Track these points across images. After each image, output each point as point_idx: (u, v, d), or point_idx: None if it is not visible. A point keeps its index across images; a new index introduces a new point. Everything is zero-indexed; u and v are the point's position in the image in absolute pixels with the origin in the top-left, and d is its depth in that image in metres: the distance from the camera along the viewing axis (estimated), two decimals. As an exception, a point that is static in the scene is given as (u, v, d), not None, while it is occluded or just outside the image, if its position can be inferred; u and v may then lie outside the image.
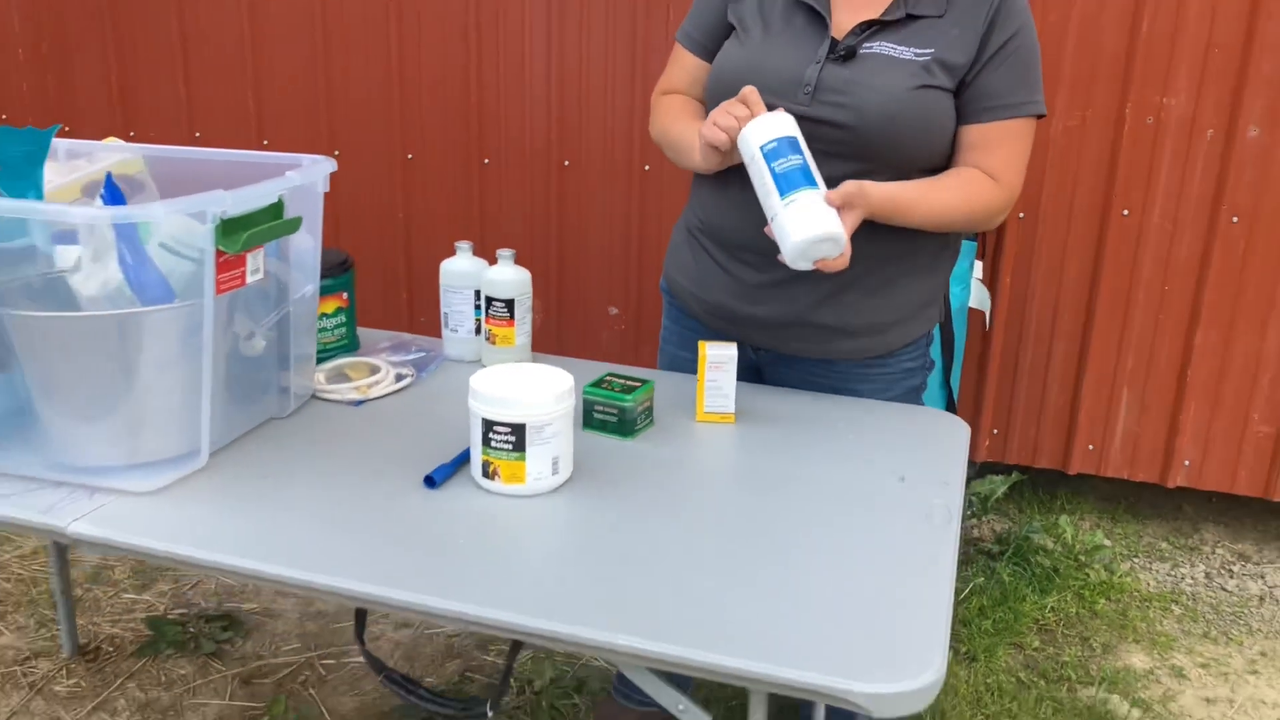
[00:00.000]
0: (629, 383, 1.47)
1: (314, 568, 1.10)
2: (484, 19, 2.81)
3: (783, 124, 1.37)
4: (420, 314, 3.07)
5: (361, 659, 2.17)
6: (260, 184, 1.27)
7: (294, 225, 1.33)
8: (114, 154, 1.64)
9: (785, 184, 1.33)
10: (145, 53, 3.11)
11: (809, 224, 1.31)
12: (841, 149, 1.44)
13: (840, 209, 1.36)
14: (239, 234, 1.22)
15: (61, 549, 2.10)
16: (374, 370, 1.59)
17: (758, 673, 0.97)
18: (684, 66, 1.65)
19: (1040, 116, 1.50)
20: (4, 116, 3.30)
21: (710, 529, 1.21)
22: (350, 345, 1.69)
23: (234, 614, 2.31)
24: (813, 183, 1.34)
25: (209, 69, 3.07)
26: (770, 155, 1.35)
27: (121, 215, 1.18)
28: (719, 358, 1.47)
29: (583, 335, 2.93)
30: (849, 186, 1.37)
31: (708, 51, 1.61)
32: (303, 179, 1.34)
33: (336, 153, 3.01)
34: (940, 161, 1.50)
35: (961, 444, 1.45)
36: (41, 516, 1.19)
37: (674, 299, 1.73)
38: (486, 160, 2.92)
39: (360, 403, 1.52)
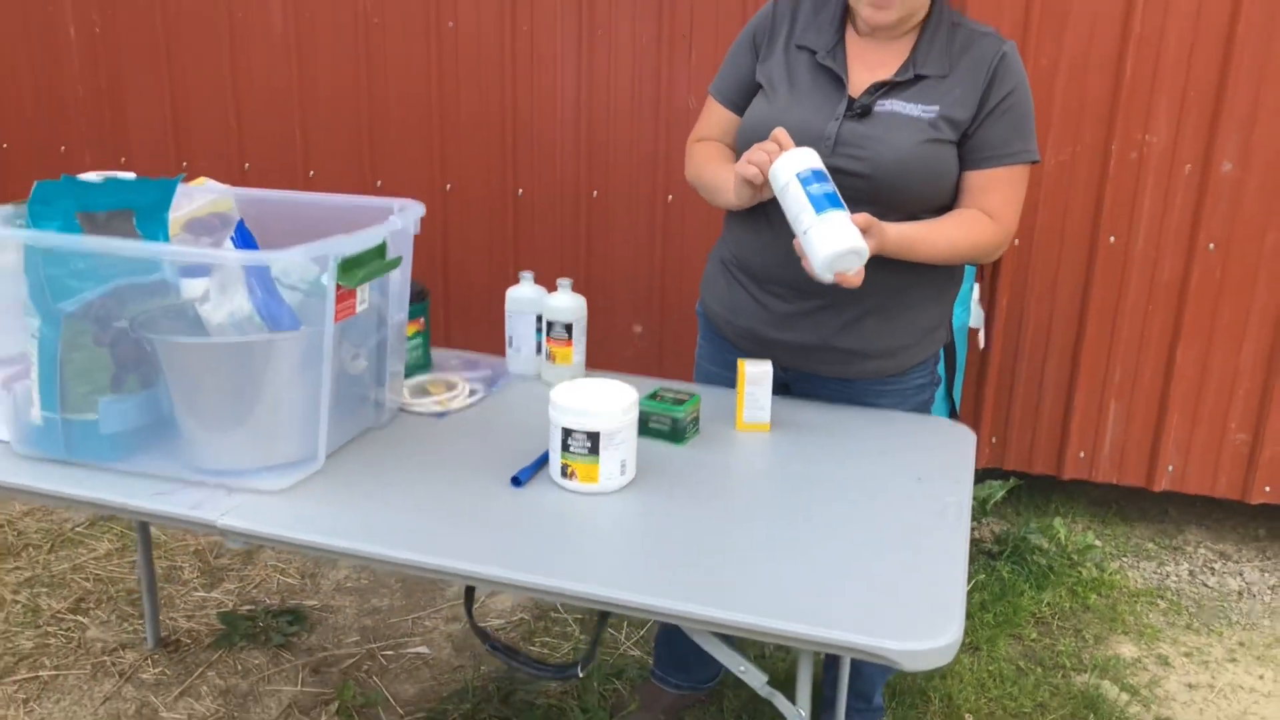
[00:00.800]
0: (679, 395, 1.68)
1: (431, 552, 1.31)
2: (519, 57, 3.03)
3: (813, 157, 1.56)
4: (456, 335, 3.28)
5: (421, 649, 2.39)
6: (370, 229, 1.48)
7: (396, 264, 1.55)
8: (209, 194, 1.86)
9: (818, 204, 1.51)
10: (198, 88, 3.33)
11: (839, 238, 1.50)
12: (859, 195, 1.63)
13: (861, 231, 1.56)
14: (355, 271, 1.44)
15: (148, 549, 2.31)
16: (451, 386, 1.81)
17: (809, 635, 1.19)
18: (716, 117, 1.85)
19: (1034, 163, 1.72)
20: (62, 148, 3.52)
21: (758, 518, 1.43)
22: (426, 364, 1.91)
23: (298, 609, 2.51)
24: (840, 205, 1.53)
25: (258, 104, 3.29)
26: (805, 180, 1.53)
27: (257, 259, 1.40)
28: (757, 374, 1.68)
29: (609, 352, 3.14)
30: (869, 217, 1.56)
31: (737, 106, 1.81)
32: (403, 223, 1.56)
33: (379, 183, 3.23)
34: (946, 203, 1.71)
35: (969, 449, 1.67)
36: (192, 512, 1.39)
37: (709, 322, 1.94)
38: (520, 191, 3.14)
39: (443, 414, 1.73)
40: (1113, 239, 2.77)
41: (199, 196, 1.85)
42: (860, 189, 1.64)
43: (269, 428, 1.45)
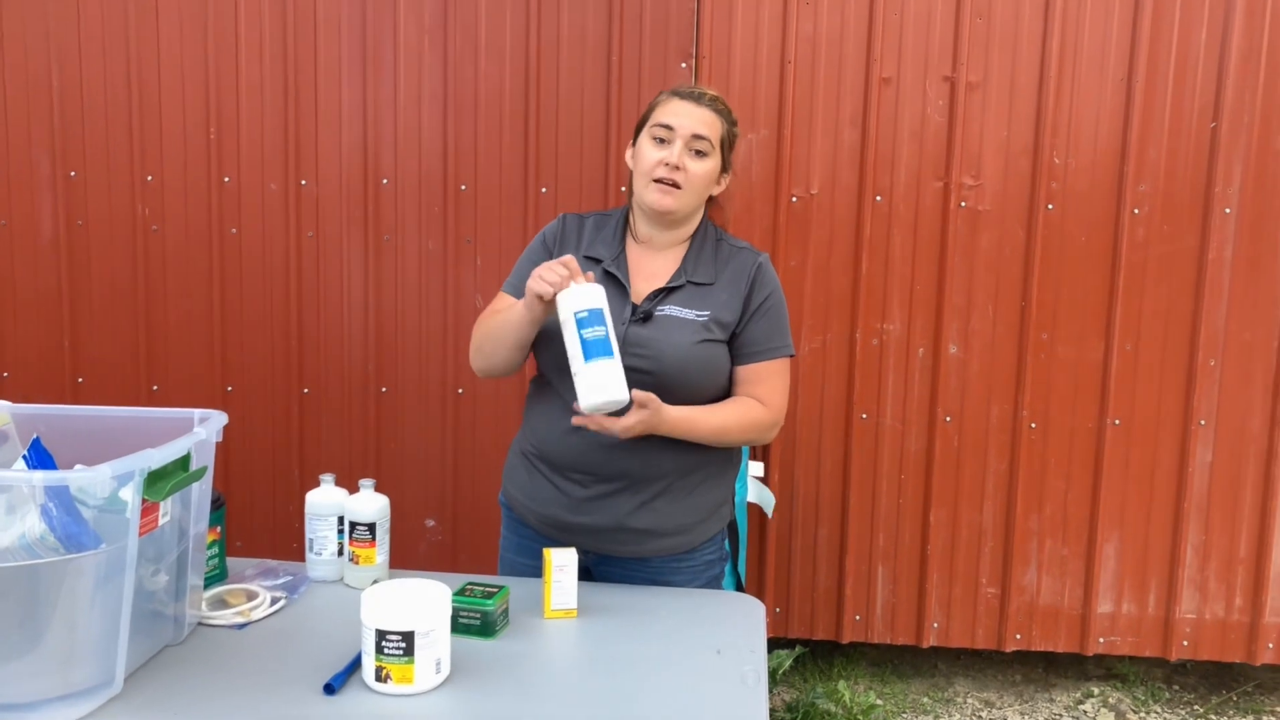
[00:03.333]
0: (488, 589, 1.73)
1: (246, 771, 1.28)
2: (305, 261, 3.10)
3: (595, 296, 1.72)
4: (243, 542, 3.17)
5: None
6: (176, 441, 1.49)
7: (201, 474, 1.55)
8: (-17, 410, 1.79)
9: (587, 350, 1.67)
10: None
11: (604, 389, 1.66)
12: (647, 389, 1.80)
13: (636, 403, 1.72)
14: (162, 485, 1.44)
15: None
16: (252, 595, 1.78)
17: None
18: (504, 305, 1.96)
19: (791, 356, 1.97)
20: None
21: (574, 706, 1.48)
22: (223, 574, 1.87)
23: None
24: (611, 353, 1.68)
25: (22, 309, 3.17)
26: (581, 322, 1.69)
27: (57, 479, 1.37)
28: (562, 562, 1.76)
29: (404, 549, 3.12)
30: (651, 397, 1.74)
31: None
32: (207, 434, 1.57)
33: (155, 388, 3.15)
34: (722, 394, 1.92)
35: (760, 619, 1.80)
36: (-27, 754, 1.30)
37: (512, 511, 2.02)
38: (306, 390, 3.15)
39: (244, 625, 1.70)
40: (864, 415, 3.08)
41: (-28, 413, 1.79)
42: (647, 384, 1.81)
43: (63, 653, 1.39)
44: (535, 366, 1.98)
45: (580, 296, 1.70)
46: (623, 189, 2.65)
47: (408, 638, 1.48)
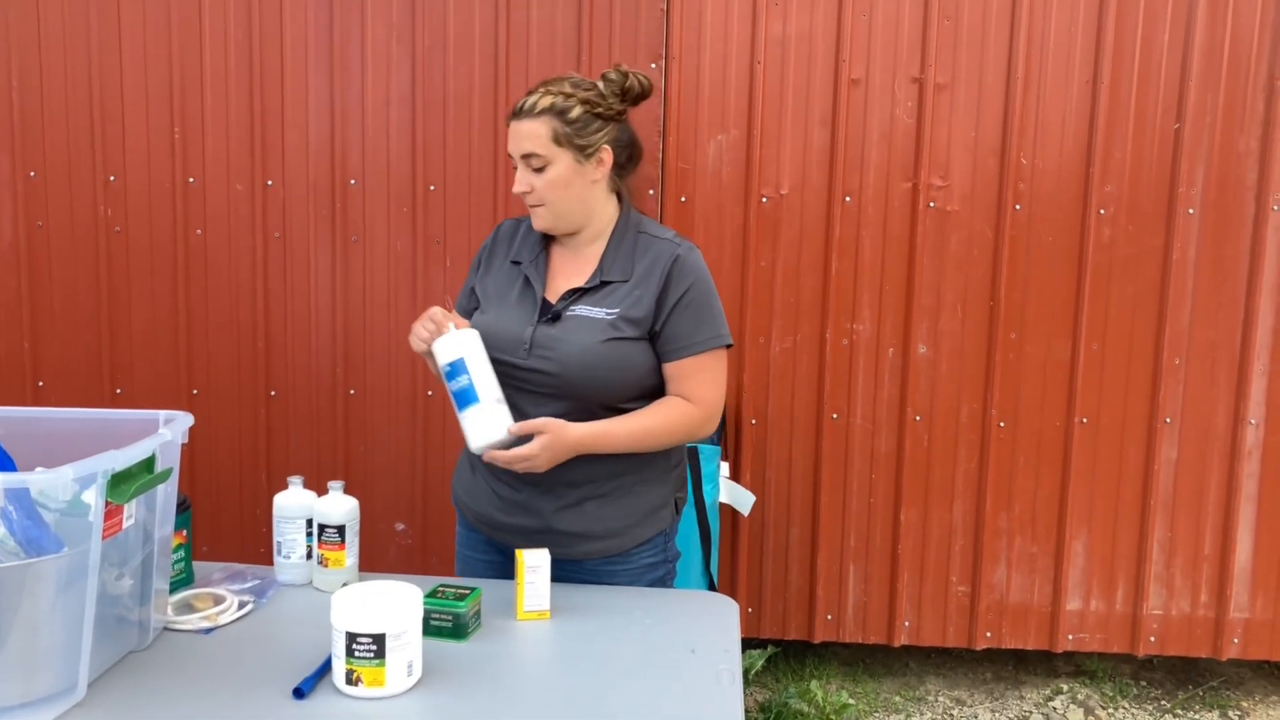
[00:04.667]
0: (460, 591, 1.71)
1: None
2: (271, 263, 3.06)
3: (454, 346, 1.78)
4: (207, 545, 3.12)
5: None
6: (140, 442, 1.46)
7: (166, 476, 1.52)
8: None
9: (458, 401, 1.78)
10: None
11: (480, 434, 1.77)
12: (553, 391, 1.83)
13: (530, 433, 1.75)
14: (126, 487, 1.41)
15: None
16: (219, 600, 1.75)
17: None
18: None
19: (727, 346, 1.91)
20: None
21: (550, 706, 1.47)
22: (189, 578, 1.84)
23: None
24: (475, 399, 1.76)
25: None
26: (446, 376, 1.79)
27: (17, 480, 1.34)
28: (535, 563, 1.75)
29: (374, 552, 3.09)
30: (546, 423, 1.76)
31: (466, 312, 2.00)
32: (172, 434, 1.55)
33: (119, 391, 3.10)
34: (646, 393, 1.89)
35: (733, 618, 1.79)
36: (-69, 764, 1.27)
37: (459, 509, 2.04)
38: (274, 392, 3.11)
39: (210, 630, 1.67)
40: (835, 416, 3.08)
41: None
42: (552, 385, 1.83)
43: (25, 660, 1.35)
44: None
45: (443, 350, 1.79)
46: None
47: (379, 640, 1.46)
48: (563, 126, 1.83)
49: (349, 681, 1.47)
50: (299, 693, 1.46)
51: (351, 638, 1.46)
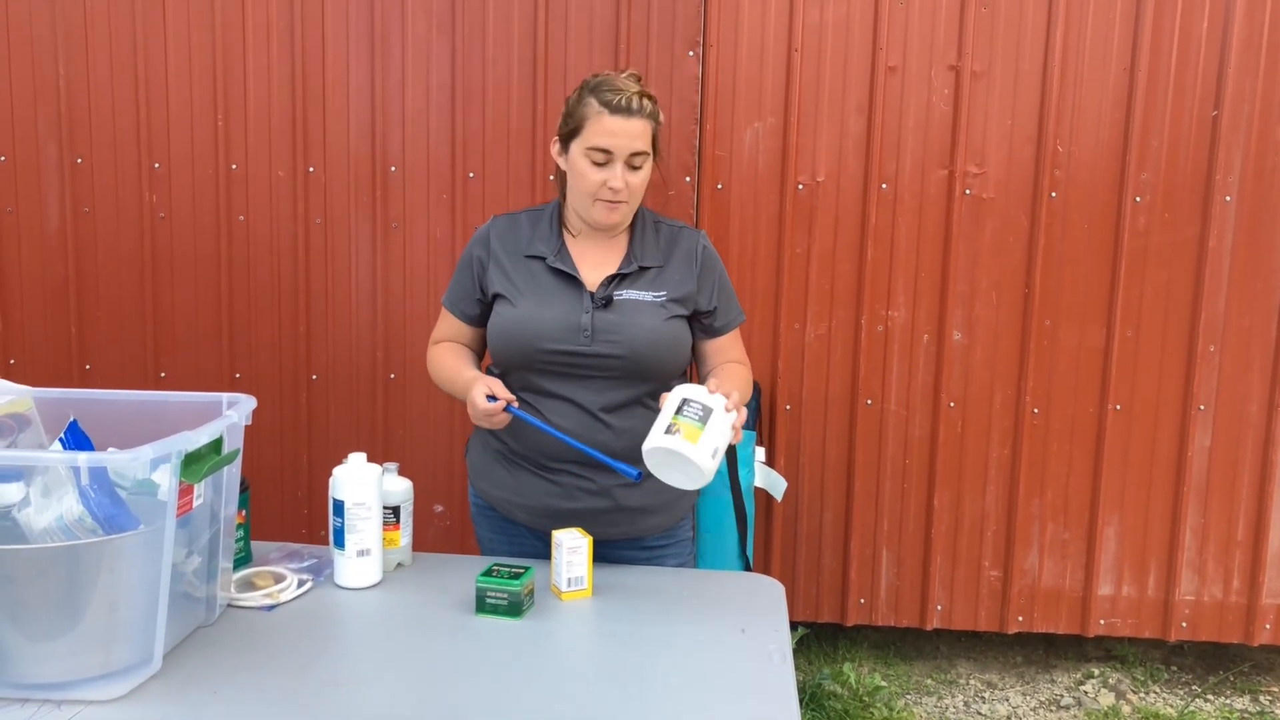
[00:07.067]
0: (514, 570, 1.76)
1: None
2: (313, 248, 3.11)
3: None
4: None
5: None
6: (210, 424, 1.51)
7: (234, 457, 1.57)
8: (4, 396, 1.80)
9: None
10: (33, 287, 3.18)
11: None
12: (621, 374, 1.89)
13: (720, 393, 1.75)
14: (198, 467, 1.45)
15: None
16: (279, 578, 1.80)
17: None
18: (449, 325, 2.10)
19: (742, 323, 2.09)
20: None
21: (610, 686, 1.51)
22: (248, 557, 1.88)
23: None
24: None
25: (29, 299, 3.17)
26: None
27: (98, 460, 1.39)
28: (574, 543, 1.78)
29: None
30: (718, 387, 1.74)
31: (466, 316, 2.06)
32: (238, 417, 1.59)
33: (163, 374, 3.16)
34: (684, 368, 2.00)
35: (780, 599, 1.83)
36: (20, 732, 1.32)
37: (495, 512, 2.06)
38: (315, 376, 3.16)
39: (272, 608, 1.72)
40: (869, 401, 3.11)
41: (-4, 398, 1.80)
42: (619, 368, 1.88)
43: (104, 633, 1.40)
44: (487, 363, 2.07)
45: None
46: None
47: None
48: (657, 129, 1.91)
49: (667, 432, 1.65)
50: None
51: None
